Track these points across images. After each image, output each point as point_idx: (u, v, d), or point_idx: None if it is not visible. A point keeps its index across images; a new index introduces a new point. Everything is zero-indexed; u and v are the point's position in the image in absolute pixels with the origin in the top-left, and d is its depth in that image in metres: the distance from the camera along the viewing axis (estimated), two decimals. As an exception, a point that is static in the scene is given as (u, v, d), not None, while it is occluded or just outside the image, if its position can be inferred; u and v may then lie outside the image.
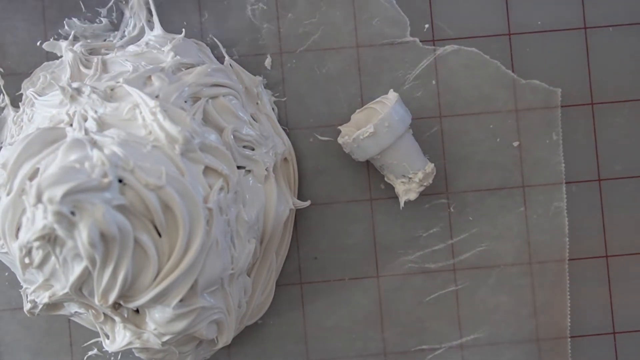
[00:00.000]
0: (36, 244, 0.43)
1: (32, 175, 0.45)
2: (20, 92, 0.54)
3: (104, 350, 0.54)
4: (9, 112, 0.54)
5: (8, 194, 0.46)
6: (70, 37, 0.54)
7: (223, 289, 0.49)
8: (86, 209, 0.42)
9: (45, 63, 0.54)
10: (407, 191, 0.53)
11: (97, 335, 0.54)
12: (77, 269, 0.44)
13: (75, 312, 0.50)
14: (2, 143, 0.54)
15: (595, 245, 0.55)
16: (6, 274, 0.54)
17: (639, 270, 0.55)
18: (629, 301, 0.55)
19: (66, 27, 0.54)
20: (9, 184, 0.46)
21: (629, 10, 0.55)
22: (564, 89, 0.55)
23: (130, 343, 0.48)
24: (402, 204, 0.53)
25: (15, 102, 0.54)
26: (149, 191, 0.44)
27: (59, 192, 0.41)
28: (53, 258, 0.45)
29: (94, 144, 0.45)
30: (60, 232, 0.42)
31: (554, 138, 0.55)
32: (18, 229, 0.46)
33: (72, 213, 0.42)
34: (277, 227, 0.52)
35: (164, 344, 0.47)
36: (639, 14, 0.55)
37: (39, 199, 0.42)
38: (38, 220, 0.43)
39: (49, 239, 0.43)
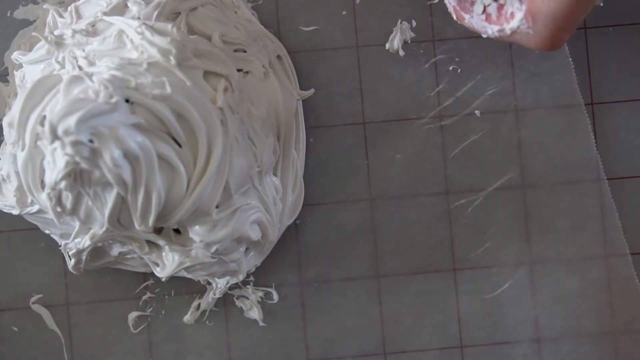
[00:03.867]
0: (63, 183, 0.43)
1: (41, 123, 0.45)
2: (5, 67, 0.54)
3: (156, 291, 0.55)
4: (0, 86, 0.54)
5: (23, 149, 0.46)
6: (38, -3, 0.54)
7: (255, 188, 0.49)
8: (103, 133, 0.42)
9: (21, 31, 0.54)
10: None
11: (147, 277, 0.54)
12: (109, 199, 0.45)
13: (119, 253, 0.50)
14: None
15: (595, 245, 0.55)
16: (42, 244, 0.54)
17: (639, 270, 0.55)
18: (628, 302, 0.55)
19: (31, -11, 0.54)
20: (21, 139, 0.46)
21: (629, 10, 0.55)
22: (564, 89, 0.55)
23: (181, 263, 0.48)
24: None
25: (3, 78, 0.54)
26: (158, 103, 0.44)
27: (72, 121, 0.41)
28: (84, 199, 0.45)
29: (91, 76, 0.45)
30: (83, 163, 0.42)
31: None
32: (41, 182, 0.46)
33: (91, 141, 0.42)
34: (288, 120, 0.52)
35: (213, 254, 0.48)
36: (639, 14, 0.55)
37: (54, 135, 0.42)
38: (59, 158, 0.43)
39: (75, 176, 0.43)
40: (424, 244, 0.55)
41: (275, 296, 0.55)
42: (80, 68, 0.46)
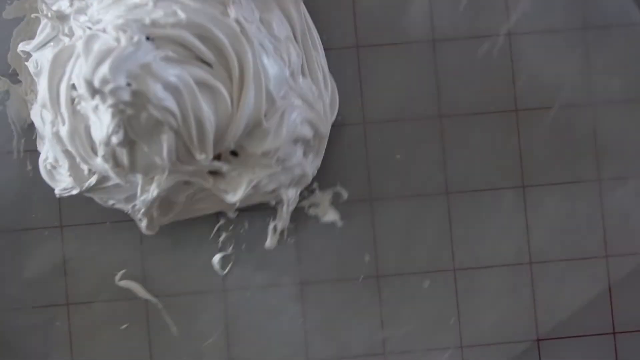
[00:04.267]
0: (114, 138, 0.44)
1: (74, 88, 0.45)
2: (12, 69, 0.54)
3: (230, 228, 0.54)
4: (14, 89, 0.54)
5: (64, 123, 0.46)
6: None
7: (292, 90, 0.49)
8: (138, 73, 0.43)
9: (16, 29, 0.54)
10: None
11: (219, 219, 0.54)
12: (164, 139, 0.45)
13: (186, 197, 0.50)
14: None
15: (595, 245, 0.55)
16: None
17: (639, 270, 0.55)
18: (627, 301, 0.55)
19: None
20: (58, 115, 0.46)
21: (629, 11, 0.54)
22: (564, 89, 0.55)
23: (249, 182, 0.48)
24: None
25: (13, 80, 0.54)
26: (177, 30, 0.45)
27: (105, 69, 0.42)
28: (139, 150, 0.45)
29: (104, 30, 0.45)
30: (128, 109, 0.43)
31: None
32: (92, 149, 0.46)
33: (129, 84, 0.42)
34: (300, 19, 0.52)
35: (275, 163, 0.48)
36: (639, 14, 0.55)
37: (93, 90, 0.42)
38: (103, 113, 0.43)
39: (125, 127, 0.44)
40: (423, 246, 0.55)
41: (345, 193, 0.55)
42: (89, 27, 0.46)
